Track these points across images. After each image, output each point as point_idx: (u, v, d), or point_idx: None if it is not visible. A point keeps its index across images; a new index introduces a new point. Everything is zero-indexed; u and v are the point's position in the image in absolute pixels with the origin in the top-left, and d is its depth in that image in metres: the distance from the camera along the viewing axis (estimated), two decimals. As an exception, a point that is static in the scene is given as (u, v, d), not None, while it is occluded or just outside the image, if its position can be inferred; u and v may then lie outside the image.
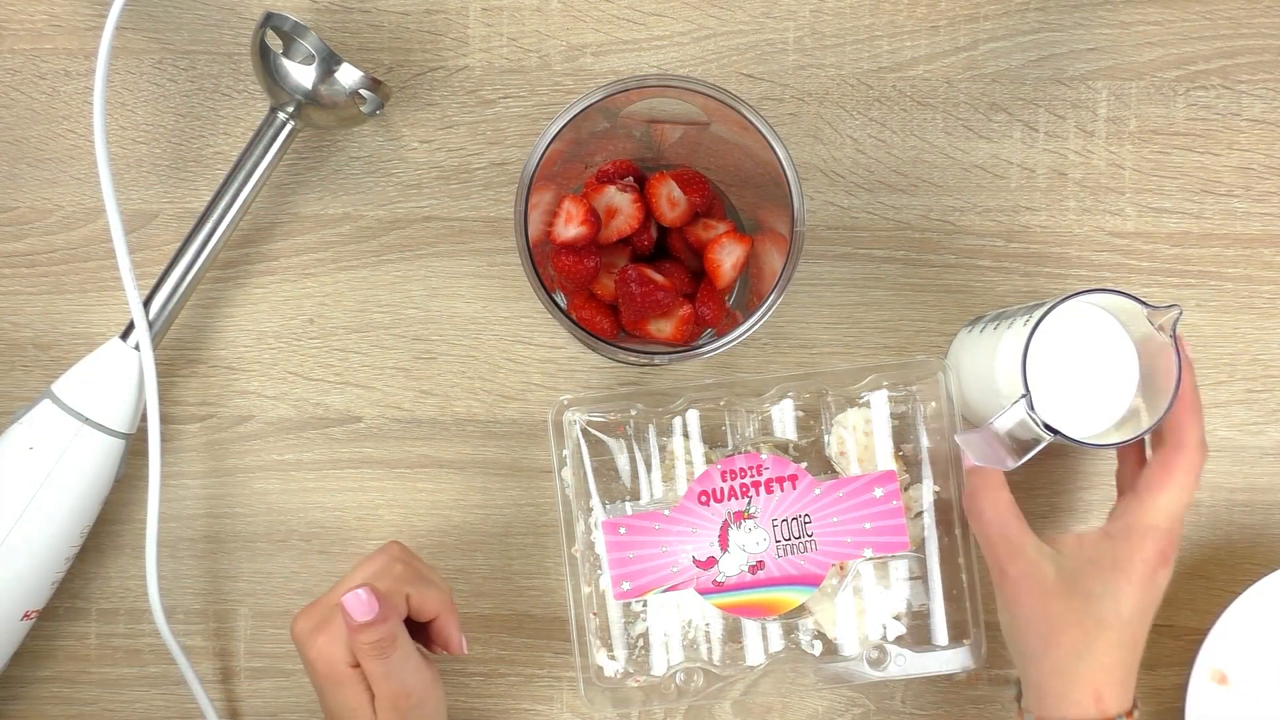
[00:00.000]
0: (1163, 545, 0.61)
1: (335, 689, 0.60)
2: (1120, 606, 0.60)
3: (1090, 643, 0.60)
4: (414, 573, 0.61)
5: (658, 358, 0.65)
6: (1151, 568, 0.61)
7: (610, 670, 0.68)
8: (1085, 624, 0.60)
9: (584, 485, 0.68)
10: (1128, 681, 0.61)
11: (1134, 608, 0.61)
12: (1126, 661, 0.61)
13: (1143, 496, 0.62)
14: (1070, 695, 0.60)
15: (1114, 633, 0.60)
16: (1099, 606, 0.60)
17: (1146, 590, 0.61)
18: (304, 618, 0.62)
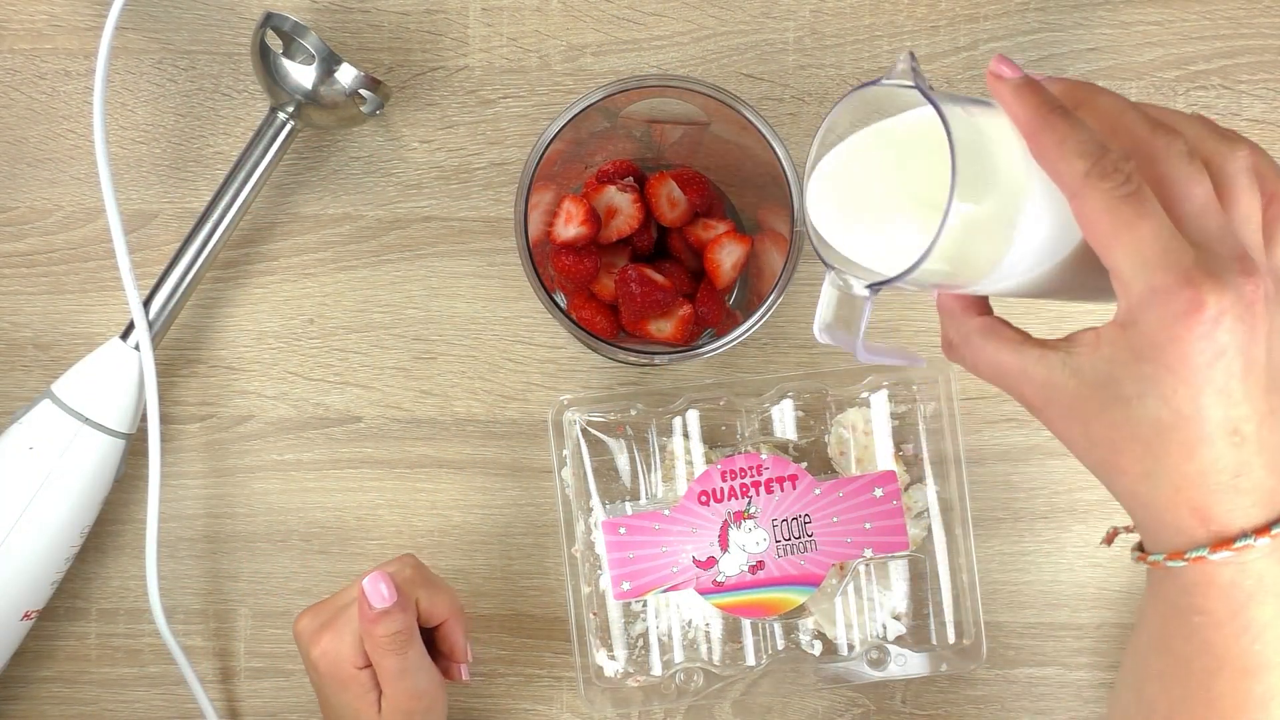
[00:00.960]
0: (1186, 294, 0.42)
1: (339, 690, 0.60)
2: (1172, 400, 0.43)
3: (1158, 456, 0.45)
4: (424, 577, 0.62)
5: (658, 358, 0.65)
6: (1188, 329, 0.42)
7: (610, 670, 0.68)
8: (1140, 435, 0.45)
9: (584, 485, 0.68)
10: (1242, 485, 0.44)
11: (1193, 392, 0.43)
12: (1226, 460, 0.44)
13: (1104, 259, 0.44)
14: (1166, 523, 0.46)
15: (1183, 433, 0.44)
16: (1143, 410, 0.44)
17: (1199, 359, 0.43)
18: (308, 617, 0.61)
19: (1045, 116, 0.44)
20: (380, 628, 0.58)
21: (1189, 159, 0.44)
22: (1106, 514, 0.71)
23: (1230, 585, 0.45)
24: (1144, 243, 0.42)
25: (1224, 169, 0.45)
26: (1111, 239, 0.43)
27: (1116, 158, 0.43)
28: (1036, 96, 0.44)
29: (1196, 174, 0.44)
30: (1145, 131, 0.45)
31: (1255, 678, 0.46)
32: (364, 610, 0.58)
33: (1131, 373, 0.44)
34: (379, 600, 0.58)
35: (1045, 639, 0.72)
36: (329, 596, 0.62)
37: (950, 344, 0.49)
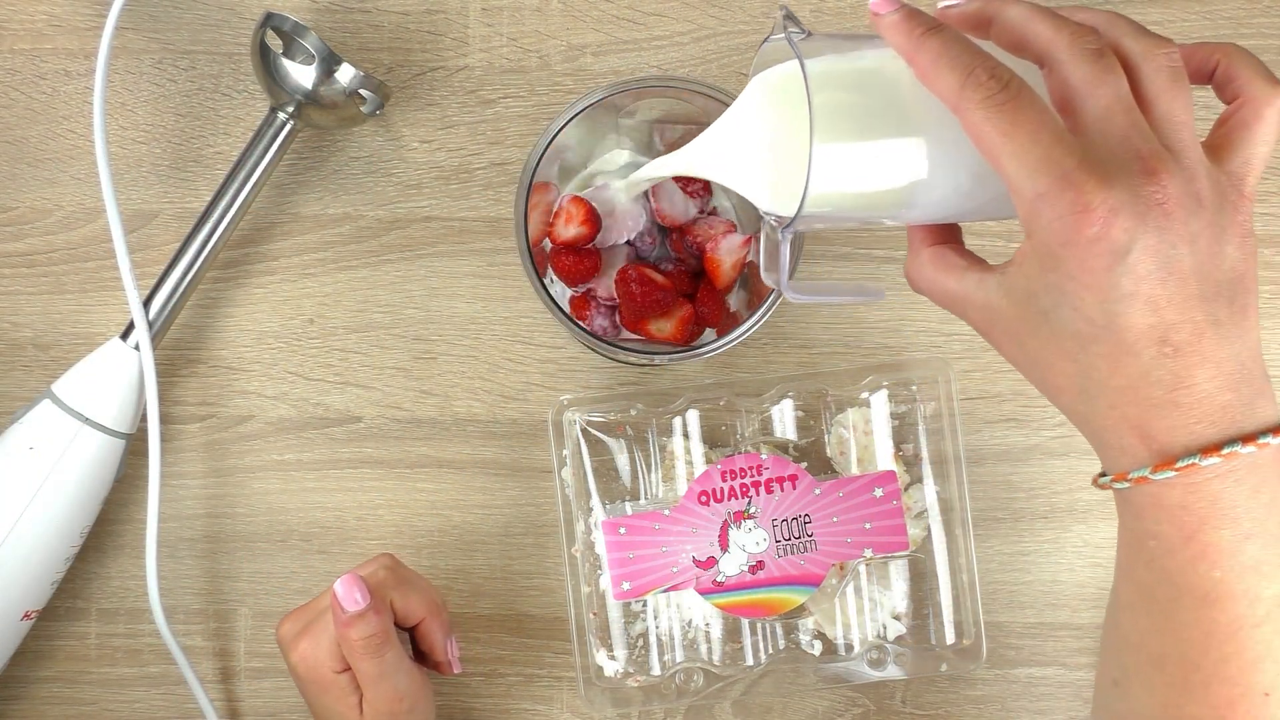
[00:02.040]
0: (1068, 196, 0.41)
1: (320, 694, 0.60)
2: (1082, 308, 0.42)
3: (1087, 371, 0.43)
4: (398, 578, 0.61)
5: (658, 358, 0.65)
6: (1076, 230, 0.41)
7: (610, 670, 0.68)
8: (1067, 349, 0.43)
9: (584, 485, 0.68)
10: (1182, 399, 0.42)
11: (1099, 297, 0.41)
12: (1158, 373, 0.42)
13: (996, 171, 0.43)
14: (1109, 442, 0.44)
15: (1104, 344, 0.42)
16: (1060, 322, 0.43)
17: (1095, 262, 0.41)
18: (289, 621, 0.62)
19: (919, 39, 0.43)
20: (354, 631, 0.58)
21: (1095, 58, 0.43)
22: (1107, 514, 0.71)
23: (1179, 508, 0.43)
24: (1023, 148, 0.41)
25: (1140, 69, 0.43)
26: (995, 149, 0.42)
27: (989, 66, 0.42)
28: (909, 22, 0.44)
29: (1102, 73, 0.42)
30: (1050, 33, 0.43)
31: (1218, 606, 0.44)
32: (337, 614, 0.58)
33: (1043, 284, 0.43)
34: (351, 604, 0.57)
35: (1045, 639, 0.72)
36: (309, 601, 0.62)
37: (907, 274, 0.49)
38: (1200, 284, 0.42)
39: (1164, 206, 0.41)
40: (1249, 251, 0.43)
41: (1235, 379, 0.42)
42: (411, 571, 0.63)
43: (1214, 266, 0.42)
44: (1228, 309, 0.42)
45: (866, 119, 0.45)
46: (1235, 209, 0.43)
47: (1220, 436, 0.42)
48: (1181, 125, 0.43)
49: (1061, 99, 0.43)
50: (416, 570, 0.64)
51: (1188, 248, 0.41)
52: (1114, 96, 0.42)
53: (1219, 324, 0.42)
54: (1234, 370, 0.42)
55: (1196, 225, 0.42)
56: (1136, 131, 0.42)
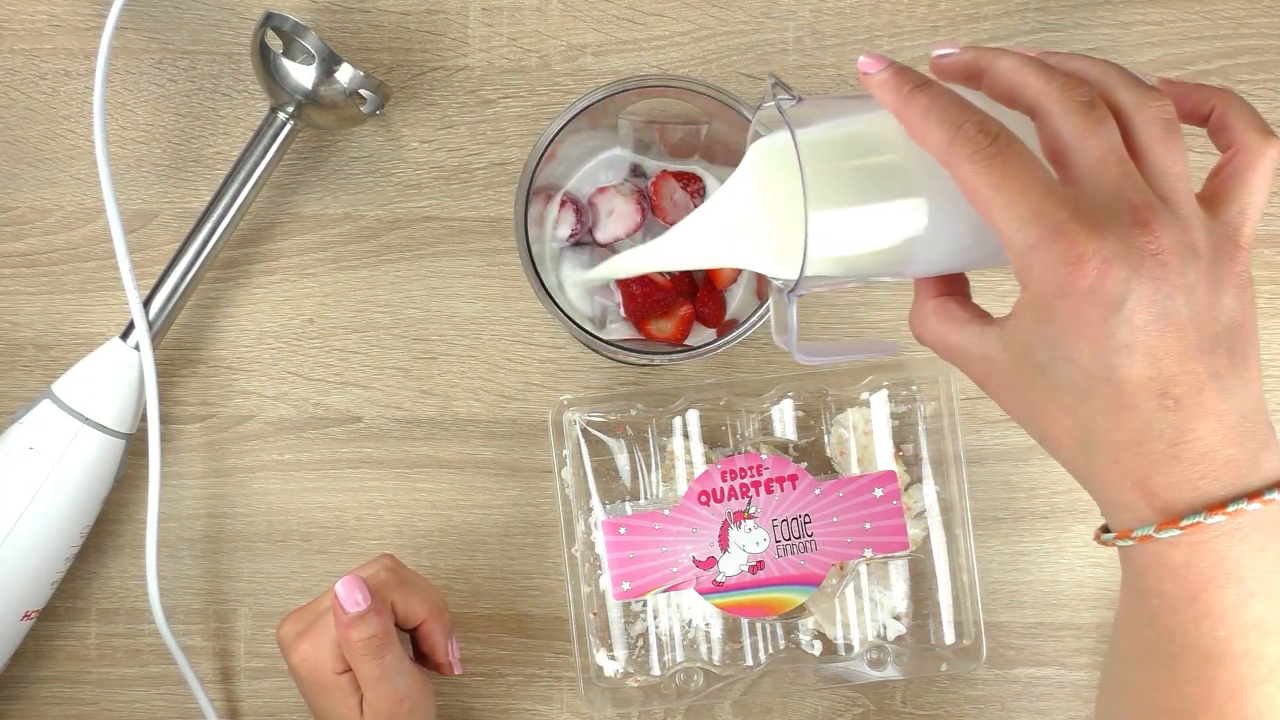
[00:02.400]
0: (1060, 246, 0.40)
1: (321, 695, 0.60)
2: (1079, 361, 0.42)
3: (1086, 425, 0.43)
4: (399, 579, 0.61)
5: (658, 358, 0.65)
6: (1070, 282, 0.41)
7: (610, 670, 0.68)
8: (1065, 403, 0.43)
9: (584, 485, 0.68)
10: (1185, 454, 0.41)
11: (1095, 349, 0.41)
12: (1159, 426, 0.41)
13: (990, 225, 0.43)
14: (1111, 499, 0.44)
15: (1101, 397, 0.42)
16: (1057, 375, 0.43)
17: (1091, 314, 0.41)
18: (290, 622, 0.62)
19: (907, 96, 0.43)
20: (355, 633, 0.58)
21: (1086, 110, 0.42)
22: (1106, 514, 0.71)
23: (1184, 567, 0.42)
24: (1014, 200, 0.41)
25: (1133, 120, 0.43)
26: (986, 202, 0.42)
27: (977, 120, 0.42)
28: (898, 79, 0.44)
29: (1094, 125, 0.42)
30: (1041, 84, 0.43)
31: (1221, 666, 0.43)
32: (338, 615, 0.58)
33: (1039, 337, 0.43)
34: (352, 605, 0.57)
35: (1045, 639, 0.72)
36: (309, 602, 0.62)
37: (911, 325, 0.49)
38: (1199, 335, 0.41)
39: (1159, 256, 0.41)
40: (1247, 302, 0.43)
41: (1239, 432, 0.42)
42: (412, 572, 0.63)
43: (1211, 317, 0.42)
44: (1227, 360, 0.42)
45: (862, 182, 0.46)
46: (1232, 259, 0.43)
47: (1226, 493, 0.41)
48: (1176, 176, 0.43)
49: (1053, 151, 0.43)
50: (417, 570, 0.64)
51: (1184, 298, 0.41)
52: (1106, 148, 0.42)
53: (1219, 375, 0.41)
54: (1237, 423, 0.42)
55: (1193, 275, 0.41)
56: (1129, 182, 0.42)
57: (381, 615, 0.58)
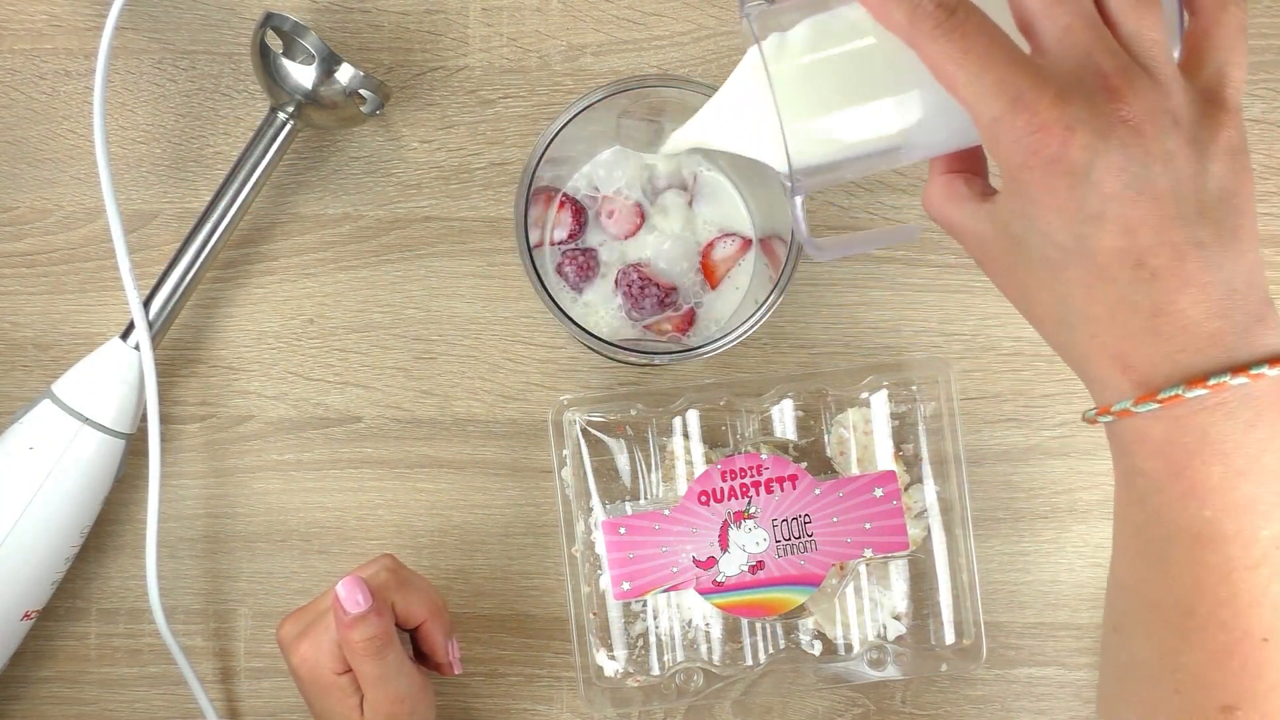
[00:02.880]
0: (1023, 117, 0.40)
1: (321, 696, 0.60)
2: (1050, 233, 0.41)
3: (1063, 299, 0.42)
4: (399, 579, 0.61)
5: (658, 358, 0.65)
6: (1034, 151, 0.40)
7: (610, 670, 0.68)
8: (1042, 278, 0.42)
9: (584, 485, 0.68)
10: (1164, 327, 0.40)
11: (1064, 219, 0.40)
12: (1136, 298, 0.40)
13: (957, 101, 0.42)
14: (1093, 375, 0.43)
15: (1075, 269, 0.41)
16: (1032, 249, 0.42)
17: (1057, 183, 0.40)
18: (290, 623, 0.61)
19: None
20: (355, 633, 0.58)
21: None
22: (1106, 514, 0.71)
23: (1166, 443, 0.41)
24: (976, 74, 0.40)
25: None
26: (949, 78, 0.41)
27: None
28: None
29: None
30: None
31: (1210, 547, 0.42)
32: (339, 616, 0.58)
33: (1014, 212, 0.42)
34: (353, 606, 0.57)
35: (1045, 639, 0.72)
36: (309, 602, 0.62)
37: (923, 203, 0.48)
38: (1179, 204, 0.40)
39: (1130, 123, 0.40)
40: (1239, 169, 0.41)
41: (1226, 305, 0.40)
42: (412, 573, 0.63)
43: (1196, 186, 0.40)
44: (1214, 230, 0.40)
45: (835, 72, 0.45)
46: (1218, 124, 0.41)
47: (1207, 366, 0.40)
48: (1151, 42, 0.41)
49: (1022, 21, 0.42)
50: (417, 571, 0.64)
51: (1161, 166, 0.40)
52: (1074, 13, 0.41)
53: (1203, 246, 0.40)
54: (1224, 295, 0.40)
55: (1172, 143, 0.40)
56: (1101, 47, 0.40)
57: (382, 616, 0.58)
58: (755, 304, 0.63)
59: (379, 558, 0.62)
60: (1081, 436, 0.71)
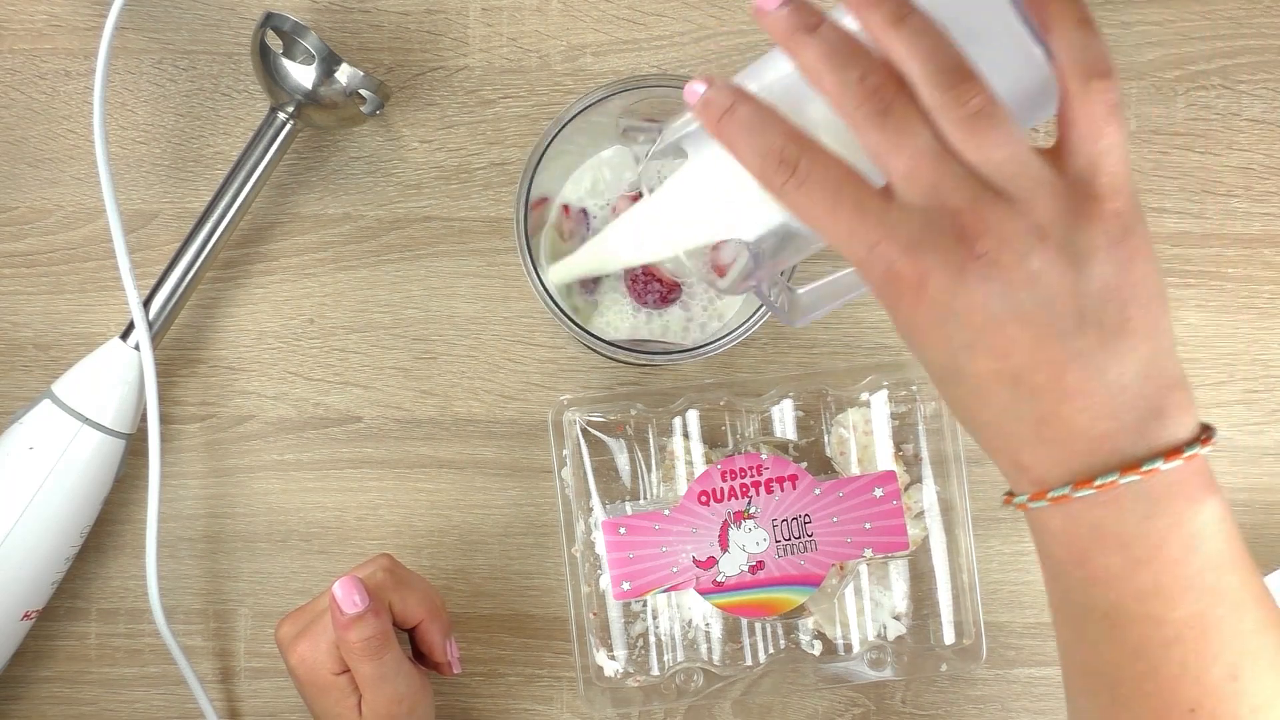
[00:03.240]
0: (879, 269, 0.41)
1: (319, 696, 0.60)
2: (932, 357, 0.42)
3: (961, 406, 0.43)
4: (396, 579, 0.61)
5: (658, 358, 0.65)
6: (892, 300, 0.41)
7: (610, 670, 0.68)
8: (939, 387, 0.44)
9: (584, 485, 0.68)
10: (1048, 435, 0.41)
11: (938, 352, 0.42)
12: (1019, 411, 0.41)
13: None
14: (1001, 468, 0.44)
15: (960, 385, 0.42)
16: (924, 363, 0.44)
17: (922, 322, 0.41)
18: (288, 623, 0.61)
19: (718, 127, 0.43)
20: (353, 634, 0.58)
21: (882, 121, 0.41)
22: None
23: (1064, 533, 0.42)
24: (829, 226, 0.41)
25: (938, 124, 0.41)
26: (812, 225, 0.42)
27: (778, 148, 0.42)
28: (709, 110, 0.43)
29: (895, 137, 0.41)
30: (837, 92, 0.41)
31: (1122, 627, 0.43)
32: (336, 616, 0.58)
33: (902, 332, 0.43)
34: (350, 606, 0.57)
35: (1045, 639, 0.72)
36: (307, 602, 0.62)
37: None
38: (1054, 321, 0.40)
39: (986, 257, 0.40)
40: (1123, 259, 0.40)
41: (1115, 406, 0.40)
42: (410, 572, 0.63)
43: (1073, 295, 0.40)
44: (1097, 334, 0.40)
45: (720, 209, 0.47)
46: (1093, 220, 0.40)
47: (1095, 468, 0.41)
48: (999, 164, 0.40)
49: (873, 160, 0.42)
50: (416, 571, 0.64)
51: (1028, 290, 0.40)
52: (916, 152, 0.40)
53: (1084, 354, 0.40)
54: (1110, 398, 0.40)
55: (1037, 262, 0.40)
56: (948, 183, 0.40)
57: (379, 616, 0.58)
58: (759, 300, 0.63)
59: (376, 557, 0.62)
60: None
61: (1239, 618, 0.42)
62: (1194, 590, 0.42)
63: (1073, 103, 0.41)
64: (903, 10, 0.41)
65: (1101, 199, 0.40)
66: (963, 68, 0.40)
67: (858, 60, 0.41)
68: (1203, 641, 0.42)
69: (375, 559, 0.62)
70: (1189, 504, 0.41)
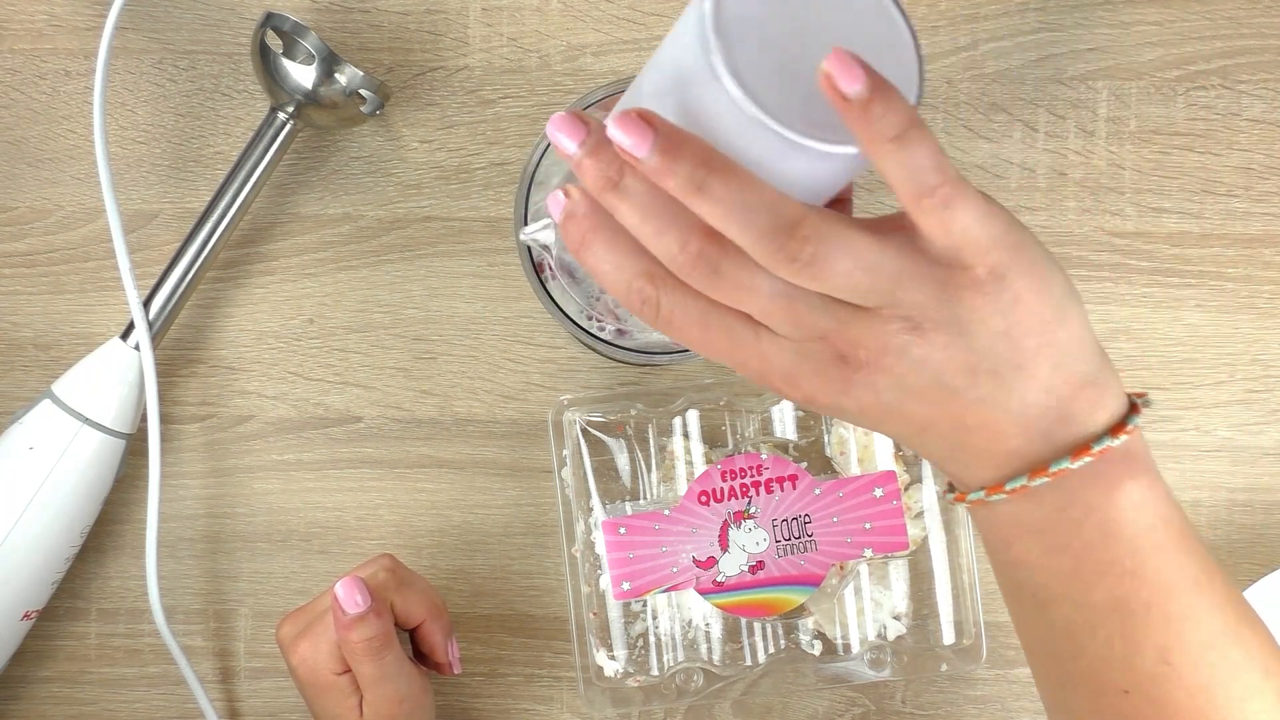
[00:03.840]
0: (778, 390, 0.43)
1: (319, 695, 0.60)
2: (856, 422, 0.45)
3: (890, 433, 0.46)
4: (398, 579, 0.61)
5: (658, 358, 0.65)
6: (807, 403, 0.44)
7: (610, 670, 0.68)
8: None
9: (584, 485, 0.68)
10: (960, 457, 0.44)
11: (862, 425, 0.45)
12: (932, 448, 0.45)
13: None
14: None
15: (884, 432, 0.46)
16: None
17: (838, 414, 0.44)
18: (289, 623, 0.62)
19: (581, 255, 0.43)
20: (355, 634, 0.58)
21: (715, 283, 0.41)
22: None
23: (988, 524, 0.45)
24: (707, 354, 0.43)
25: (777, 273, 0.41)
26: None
27: (638, 291, 0.42)
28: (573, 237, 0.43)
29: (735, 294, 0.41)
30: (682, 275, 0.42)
31: (1048, 607, 0.45)
32: (338, 617, 0.58)
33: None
34: (352, 606, 0.57)
35: (1045, 639, 0.72)
36: (308, 602, 0.62)
37: None
38: (949, 385, 0.42)
39: (865, 369, 0.41)
40: (1008, 303, 0.41)
41: (1018, 427, 0.42)
42: (412, 572, 0.63)
43: (962, 359, 0.41)
44: (991, 380, 0.42)
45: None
46: (966, 288, 0.41)
47: (1005, 476, 0.43)
48: (850, 286, 0.41)
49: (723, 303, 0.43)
50: (416, 570, 0.64)
51: (915, 377, 0.41)
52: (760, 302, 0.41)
53: (982, 400, 0.42)
54: (1013, 421, 0.42)
55: (919, 350, 0.41)
56: (806, 315, 0.41)
57: (381, 616, 0.58)
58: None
59: (377, 557, 0.62)
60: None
61: (1166, 601, 0.43)
62: (1112, 575, 0.43)
63: (912, 215, 0.41)
64: (698, 175, 0.39)
65: (970, 267, 0.41)
66: (781, 220, 0.40)
67: (674, 223, 0.41)
68: (1128, 625, 0.43)
69: (376, 559, 0.62)
70: (1107, 492, 0.42)
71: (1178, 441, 0.71)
